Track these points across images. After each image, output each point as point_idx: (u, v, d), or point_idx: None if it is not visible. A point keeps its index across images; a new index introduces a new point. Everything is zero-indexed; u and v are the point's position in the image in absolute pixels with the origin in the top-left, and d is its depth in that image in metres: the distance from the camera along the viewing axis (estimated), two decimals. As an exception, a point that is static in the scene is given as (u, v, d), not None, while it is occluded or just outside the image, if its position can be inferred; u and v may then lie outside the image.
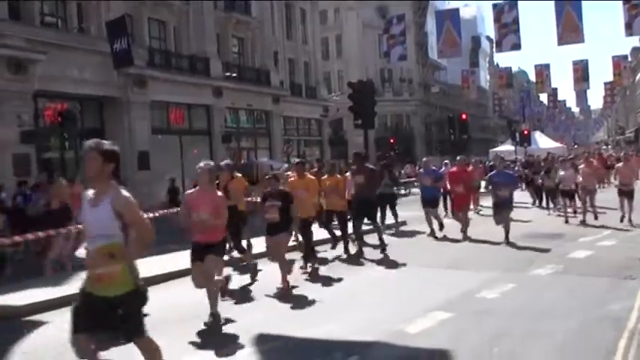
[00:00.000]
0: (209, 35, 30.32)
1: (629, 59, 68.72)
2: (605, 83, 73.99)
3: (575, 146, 63.47)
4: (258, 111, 34.84)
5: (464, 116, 41.83)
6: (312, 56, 43.13)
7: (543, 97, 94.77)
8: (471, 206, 19.36)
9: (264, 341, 7.15)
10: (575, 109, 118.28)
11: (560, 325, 7.08)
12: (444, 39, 30.65)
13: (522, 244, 13.42)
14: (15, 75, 19.27)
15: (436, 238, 15.26)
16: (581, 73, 49.01)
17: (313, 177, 12.58)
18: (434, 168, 17.55)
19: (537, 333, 6.87)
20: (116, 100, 24.13)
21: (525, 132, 45.56)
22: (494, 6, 29.46)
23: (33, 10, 21.70)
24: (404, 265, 11.75)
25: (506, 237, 13.75)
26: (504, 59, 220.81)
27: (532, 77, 70.50)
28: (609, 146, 62.77)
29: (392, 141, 56.18)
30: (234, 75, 31.54)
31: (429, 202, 15.96)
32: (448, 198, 19.07)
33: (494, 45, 43.75)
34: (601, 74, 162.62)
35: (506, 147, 49.62)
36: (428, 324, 7.38)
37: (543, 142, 49.45)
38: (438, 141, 68.25)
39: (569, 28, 27.37)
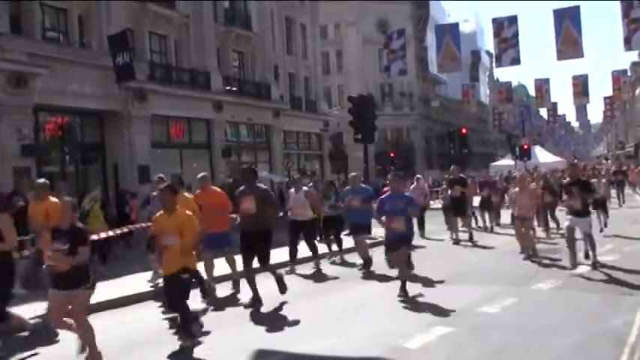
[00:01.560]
0: (209, 49, 30.40)
1: (629, 74, 68.93)
2: (605, 98, 74.12)
3: (575, 161, 63.45)
4: (259, 125, 34.86)
5: (464, 130, 41.91)
6: (313, 70, 43.22)
7: (543, 112, 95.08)
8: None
9: (261, 357, 7.12)
10: (575, 124, 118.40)
11: (561, 341, 7.05)
12: (444, 53, 30.73)
13: (522, 259, 13.39)
14: (16, 89, 19.27)
15: (367, 267, 12.99)
16: (581, 87, 49.11)
17: (188, 209, 8.47)
18: (364, 185, 14.30)
19: (538, 348, 6.84)
20: (117, 114, 24.15)
21: (525, 146, 45.63)
22: (494, 20, 29.55)
23: (34, 24, 21.76)
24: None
25: (402, 288, 10.06)
26: (504, 74, 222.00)
27: (532, 92, 70.82)
28: (609, 160, 62.74)
29: (392, 155, 56.25)
30: (234, 89, 31.56)
31: (359, 228, 13.32)
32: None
33: (493, 59, 43.88)
34: (601, 89, 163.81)
35: (507, 161, 49.70)
36: (428, 339, 7.35)
37: (543, 156, 49.52)
38: (438, 155, 68.32)
39: (569, 43, 27.44)
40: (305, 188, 14.18)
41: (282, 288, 10.17)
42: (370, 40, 61.12)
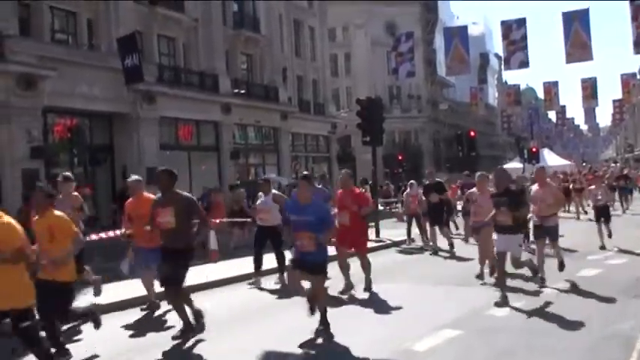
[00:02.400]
0: (218, 52, 30.50)
1: (638, 77, 68.56)
2: (614, 101, 73.95)
3: (584, 164, 63.24)
4: (267, 127, 34.95)
5: (472, 133, 41.88)
6: (321, 73, 43.29)
7: (551, 115, 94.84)
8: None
9: (274, 357, 7.11)
10: (584, 127, 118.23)
11: (569, 344, 7.02)
12: (453, 56, 30.76)
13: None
14: (25, 91, 19.41)
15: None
16: (590, 90, 49.02)
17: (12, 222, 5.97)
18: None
19: (546, 352, 6.81)
20: (125, 116, 24.26)
21: (534, 149, 45.44)
22: (503, 23, 29.56)
23: (43, 27, 21.91)
24: (411, 282, 11.69)
25: (322, 320, 7.93)
26: (513, 76, 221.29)
27: (540, 94, 70.60)
28: (618, 164, 62.45)
29: (400, 158, 56.17)
30: (242, 91, 31.66)
31: None
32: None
33: (502, 62, 43.83)
34: (610, 92, 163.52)
35: (515, 164, 49.52)
36: (435, 342, 7.33)
37: (552, 159, 49.33)
38: (446, 158, 68.22)
39: (578, 46, 27.42)
40: (274, 191, 12.46)
41: (186, 330, 7.94)
42: (378, 43, 61.14)
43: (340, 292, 10.39)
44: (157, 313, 9.64)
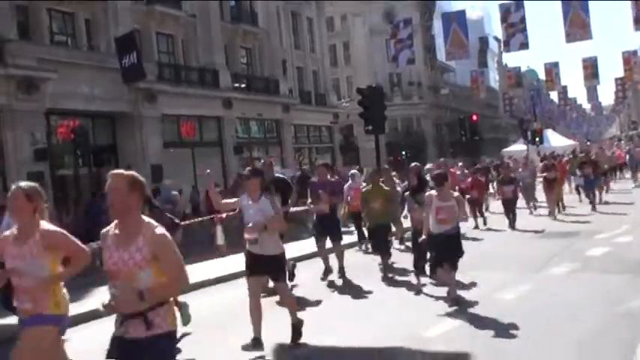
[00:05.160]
0: (217, 47, 30.45)
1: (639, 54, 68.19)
2: (616, 79, 73.68)
3: (588, 143, 63.16)
4: (269, 120, 34.93)
5: (474, 117, 41.76)
6: (321, 64, 43.21)
7: (553, 95, 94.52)
8: None
9: (282, 349, 7.17)
10: (587, 106, 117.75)
11: (578, 324, 7.05)
12: (452, 41, 30.71)
13: (537, 243, 13.33)
14: (27, 94, 19.42)
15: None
16: (591, 69, 48.92)
17: None
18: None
19: (555, 333, 6.85)
20: (127, 116, 24.27)
21: (539, 130, 45.24)
22: (501, 6, 29.48)
23: (42, 29, 21.92)
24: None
25: None
26: (513, 59, 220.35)
27: (541, 76, 70.42)
28: (622, 141, 62.24)
29: (403, 151, 56.06)
30: (243, 85, 31.63)
31: None
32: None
33: (502, 45, 43.69)
34: (611, 70, 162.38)
35: (519, 146, 49.43)
36: (445, 327, 7.38)
37: (555, 139, 49.26)
38: (450, 143, 68.05)
39: (577, 25, 27.35)
40: None
41: None
42: (377, 31, 60.92)
43: None
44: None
